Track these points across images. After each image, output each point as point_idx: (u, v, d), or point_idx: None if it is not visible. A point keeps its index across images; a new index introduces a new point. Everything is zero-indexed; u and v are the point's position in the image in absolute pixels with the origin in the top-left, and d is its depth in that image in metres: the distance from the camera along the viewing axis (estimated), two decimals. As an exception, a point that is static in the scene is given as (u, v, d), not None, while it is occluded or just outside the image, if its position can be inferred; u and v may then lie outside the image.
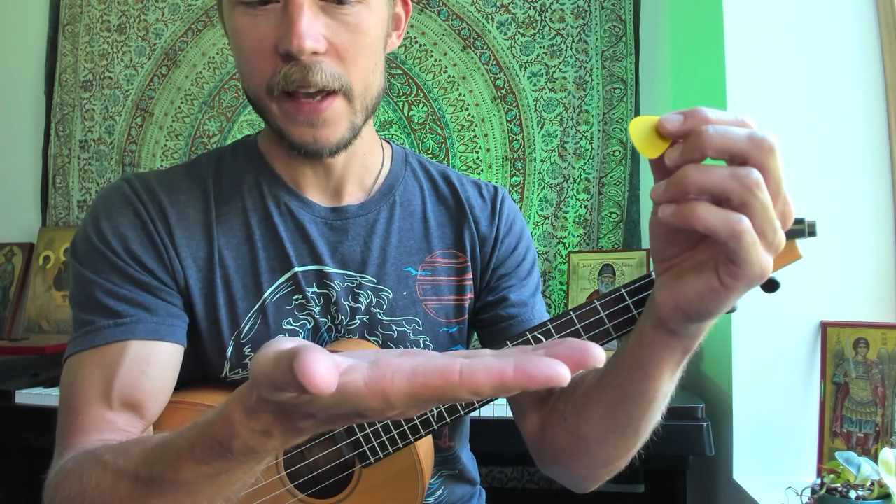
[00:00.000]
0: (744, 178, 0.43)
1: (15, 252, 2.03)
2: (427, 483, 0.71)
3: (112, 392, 0.66)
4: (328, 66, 0.65)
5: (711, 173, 0.43)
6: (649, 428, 0.63)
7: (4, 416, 1.41)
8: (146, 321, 0.69)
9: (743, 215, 0.44)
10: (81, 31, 2.10)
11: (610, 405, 0.62)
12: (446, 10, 1.90)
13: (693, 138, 0.44)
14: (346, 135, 0.69)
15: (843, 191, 1.28)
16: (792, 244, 0.55)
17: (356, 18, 0.66)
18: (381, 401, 0.36)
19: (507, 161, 1.86)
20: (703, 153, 0.44)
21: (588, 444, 0.66)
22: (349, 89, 0.67)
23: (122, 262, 0.70)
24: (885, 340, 1.20)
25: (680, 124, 0.45)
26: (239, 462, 0.46)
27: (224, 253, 0.74)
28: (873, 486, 0.96)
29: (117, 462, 0.54)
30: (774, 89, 1.32)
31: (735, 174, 0.43)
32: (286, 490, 0.69)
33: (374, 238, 0.78)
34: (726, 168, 0.44)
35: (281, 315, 0.74)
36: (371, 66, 0.69)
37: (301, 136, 0.68)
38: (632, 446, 0.65)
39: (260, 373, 0.39)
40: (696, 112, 0.45)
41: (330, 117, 0.67)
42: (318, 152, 0.69)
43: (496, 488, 1.79)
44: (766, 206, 0.44)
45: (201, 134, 2.02)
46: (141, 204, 0.72)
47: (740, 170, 0.43)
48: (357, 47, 0.66)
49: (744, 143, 0.43)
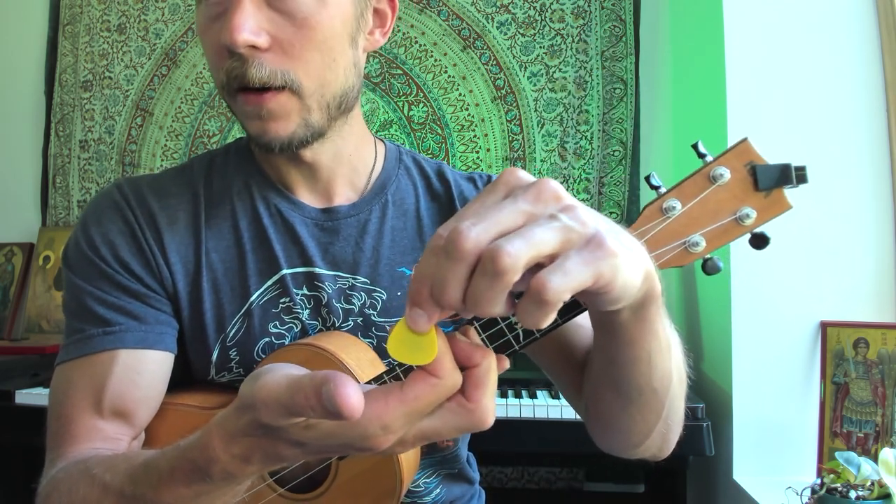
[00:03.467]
0: (498, 275, 0.35)
1: (15, 252, 2.03)
2: (407, 475, 0.70)
3: (102, 401, 0.66)
4: (270, 61, 0.64)
5: (484, 298, 0.35)
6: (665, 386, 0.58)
7: (4, 416, 1.41)
8: (134, 329, 0.69)
9: (543, 283, 0.35)
10: (81, 31, 2.10)
11: (610, 380, 0.59)
12: (446, 10, 1.90)
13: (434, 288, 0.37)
14: (299, 131, 0.67)
15: (843, 191, 1.28)
16: (780, 194, 0.52)
17: (304, 12, 0.64)
18: (378, 426, 0.40)
19: (507, 161, 1.86)
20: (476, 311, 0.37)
21: (612, 421, 0.64)
22: (297, 85, 0.65)
23: (111, 270, 0.70)
24: (885, 340, 1.20)
25: (428, 319, 0.38)
26: (218, 486, 0.47)
27: (212, 256, 0.74)
28: (873, 486, 0.96)
29: (105, 477, 0.55)
30: (774, 89, 1.32)
31: (488, 274, 0.35)
32: (266, 485, 0.70)
33: (367, 238, 0.77)
34: (479, 279, 0.35)
35: (267, 318, 0.73)
36: (326, 63, 0.66)
37: (253, 128, 0.67)
38: (656, 410, 0.60)
39: (267, 398, 0.41)
40: (420, 299, 0.37)
41: (275, 109, 0.65)
42: (269, 145, 0.67)
43: (496, 488, 1.79)
44: (522, 260, 0.35)
45: (201, 134, 2.02)
46: (130, 210, 0.72)
47: (486, 267, 0.35)
48: (305, 42, 0.64)
49: (487, 281, 0.35)
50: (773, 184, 0.50)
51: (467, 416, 0.42)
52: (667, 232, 0.51)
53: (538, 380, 1.47)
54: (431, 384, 0.40)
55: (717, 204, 0.51)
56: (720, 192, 0.51)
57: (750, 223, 0.51)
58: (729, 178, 0.51)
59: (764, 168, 0.51)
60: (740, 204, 0.51)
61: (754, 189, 0.51)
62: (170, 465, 0.49)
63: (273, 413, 0.41)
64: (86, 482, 0.57)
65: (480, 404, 0.42)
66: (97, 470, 0.57)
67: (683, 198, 0.51)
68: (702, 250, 0.51)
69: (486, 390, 0.42)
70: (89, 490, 0.56)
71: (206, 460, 0.46)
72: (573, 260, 0.36)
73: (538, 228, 0.36)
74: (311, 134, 0.69)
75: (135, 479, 0.52)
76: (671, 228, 0.51)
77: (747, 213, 0.51)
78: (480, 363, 0.42)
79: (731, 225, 0.51)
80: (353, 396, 0.37)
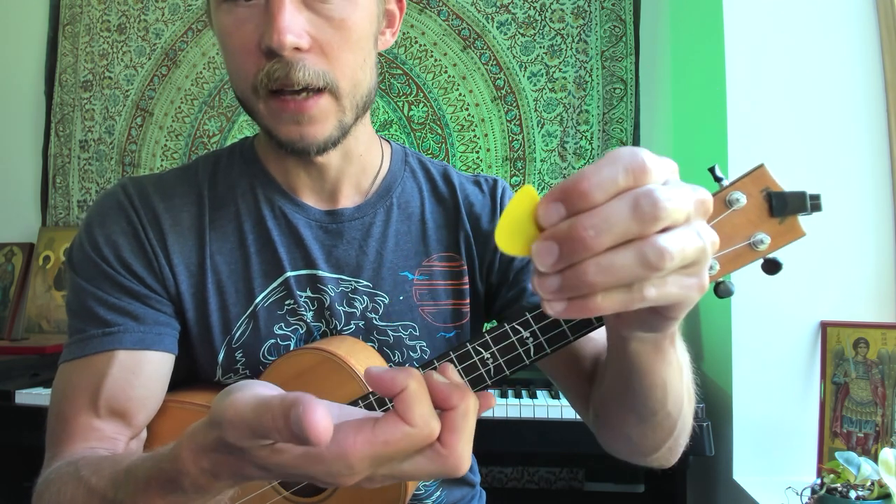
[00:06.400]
0: (648, 264, 0.33)
1: (15, 252, 2.03)
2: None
3: (99, 401, 0.67)
4: (312, 63, 0.63)
5: (614, 270, 0.33)
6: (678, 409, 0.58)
7: (4, 416, 1.41)
8: (133, 330, 0.69)
9: (643, 284, 0.35)
10: (81, 31, 2.10)
11: (624, 401, 0.59)
12: (446, 10, 1.90)
13: (572, 244, 0.33)
14: (334, 133, 0.68)
15: (843, 190, 1.28)
16: (794, 221, 0.52)
17: (341, 14, 0.64)
18: (343, 465, 0.38)
19: (507, 161, 1.86)
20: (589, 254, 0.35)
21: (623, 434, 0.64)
22: (335, 87, 0.65)
23: (113, 271, 0.70)
24: (885, 340, 1.20)
25: (560, 217, 0.34)
26: (192, 498, 0.47)
27: (217, 258, 0.73)
28: (873, 486, 0.96)
29: (91, 479, 0.56)
30: (774, 89, 1.32)
31: (640, 260, 0.33)
32: (271, 487, 0.70)
33: (370, 242, 0.76)
34: (629, 253, 0.33)
35: (272, 320, 0.73)
36: (359, 63, 0.67)
37: (287, 133, 0.67)
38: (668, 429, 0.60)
39: (234, 417, 0.39)
40: (572, 193, 0.33)
41: (316, 115, 0.65)
42: (305, 150, 0.67)
43: (496, 488, 1.79)
44: (665, 269, 0.34)
45: (201, 134, 2.02)
46: (134, 211, 0.73)
47: (645, 254, 0.33)
48: (342, 43, 0.65)
49: (631, 226, 0.33)
50: (788, 211, 0.51)
51: (439, 462, 0.40)
52: None
53: (538, 380, 1.47)
54: (404, 431, 0.38)
55: (732, 228, 0.51)
56: (735, 217, 0.51)
57: (764, 249, 0.51)
58: (745, 204, 0.51)
59: (779, 195, 0.51)
60: (755, 229, 0.51)
61: (769, 215, 0.51)
62: (146, 475, 0.49)
63: (238, 433, 0.39)
64: (73, 483, 0.57)
65: (455, 450, 0.40)
66: (85, 472, 0.57)
67: None
68: (715, 274, 0.52)
69: (461, 435, 0.40)
70: (76, 491, 0.57)
71: (176, 472, 0.45)
72: (675, 279, 0.35)
73: (691, 242, 0.34)
74: (342, 135, 0.69)
75: (117, 484, 0.53)
76: None
77: (761, 239, 0.51)
78: (458, 406, 0.40)
79: (745, 250, 0.51)
80: (322, 422, 0.36)
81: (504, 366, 0.55)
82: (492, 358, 0.54)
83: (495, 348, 0.47)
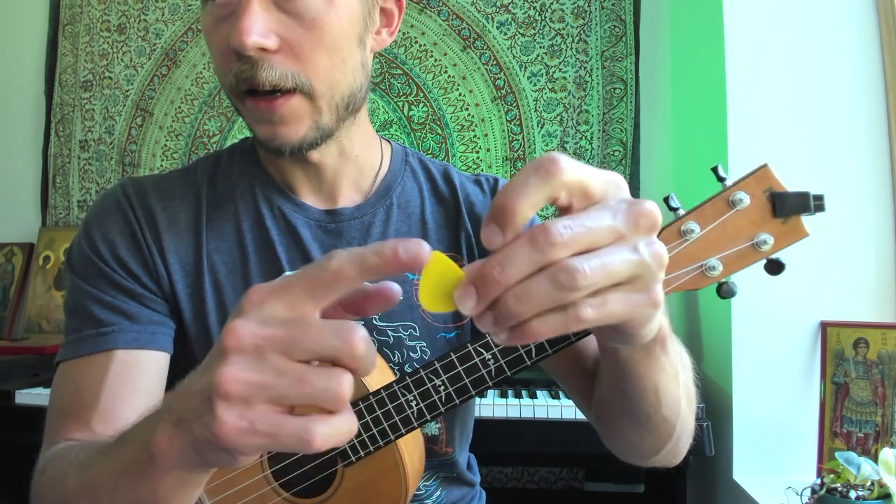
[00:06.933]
0: (561, 286, 0.33)
1: (15, 252, 2.03)
2: (412, 483, 0.70)
3: (95, 401, 0.67)
4: (279, 64, 0.63)
5: (532, 297, 0.33)
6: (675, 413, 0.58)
7: (4, 416, 1.41)
8: (127, 330, 0.69)
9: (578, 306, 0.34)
10: (81, 31, 2.10)
11: (618, 405, 0.60)
12: (446, 10, 1.90)
13: (485, 283, 0.34)
14: (310, 133, 0.67)
15: (843, 190, 1.28)
16: (797, 221, 0.52)
17: (313, 14, 0.63)
18: None
19: (507, 161, 1.86)
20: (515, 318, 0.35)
21: (623, 437, 0.65)
22: (308, 88, 0.65)
23: (109, 269, 0.71)
24: (885, 340, 1.20)
25: (475, 304, 0.34)
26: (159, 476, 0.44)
27: (214, 258, 0.73)
28: (873, 486, 0.96)
29: (79, 456, 0.57)
30: (774, 89, 1.32)
31: (553, 283, 0.33)
32: (271, 489, 0.70)
33: (370, 242, 0.75)
34: (542, 279, 0.33)
35: None
36: (335, 64, 0.66)
37: (263, 132, 0.67)
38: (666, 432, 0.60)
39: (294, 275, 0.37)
40: (488, 279, 0.34)
41: (287, 115, 0.65)
42: (280, 149, 0.67)
43: (496, 488, 1.79)
44: (583, 287, 0.34)
45: (201, 134, 2.02)
46: (131, 210, 0.73)
47: (556, 276, 0.33)
48: (315, 43, 0.64)
49: (533, 256, 0.33)
50: (792, 211, 0.51)
51: None
52: (684, 255, 0.51)
53: (538, 380, 1.47)
54: None
55: (735, 229, 0.51)
56: (739, 217, 0.51)
57: (767, 249, 0.51)
58: (748, 204, 0.51)
59: (783, 195, 0.51)
60: (758, 230, 0.51)
61: (772, 215, 0.51)
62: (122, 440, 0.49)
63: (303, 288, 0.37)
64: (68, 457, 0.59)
65: None
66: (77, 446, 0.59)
67: (702, 221, 0.51)
68: (718, 274, 0.51)
69: None
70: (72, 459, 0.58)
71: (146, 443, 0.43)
72: (617, 297, 0.35)
73: (618, 258, 0.34)
74: (321, 136, 0.69)
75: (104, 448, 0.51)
76: (689, 251, 0.51)
77: (765, 240, 0.51)
78: None
79: (748, 250, 0.51)
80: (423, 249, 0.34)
81: (505, 367, 0.55)
82: (493, 359, 0.54)
83: (497, 349, 0.47)
